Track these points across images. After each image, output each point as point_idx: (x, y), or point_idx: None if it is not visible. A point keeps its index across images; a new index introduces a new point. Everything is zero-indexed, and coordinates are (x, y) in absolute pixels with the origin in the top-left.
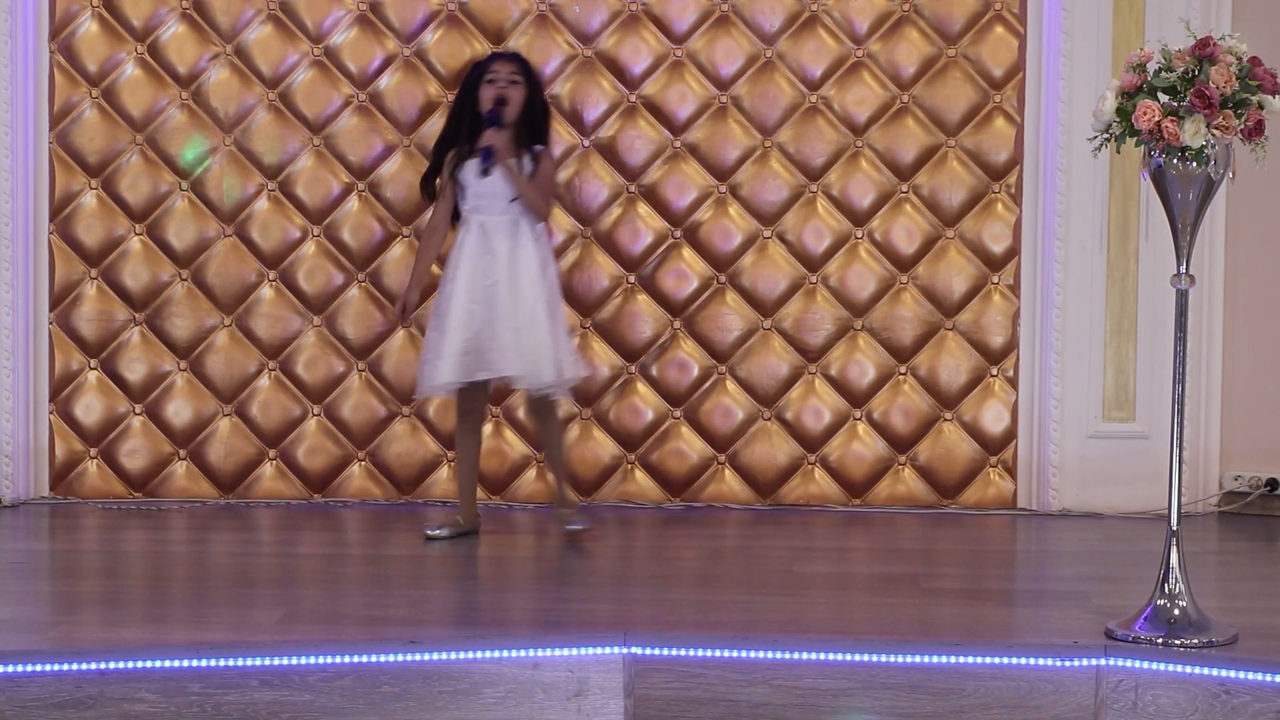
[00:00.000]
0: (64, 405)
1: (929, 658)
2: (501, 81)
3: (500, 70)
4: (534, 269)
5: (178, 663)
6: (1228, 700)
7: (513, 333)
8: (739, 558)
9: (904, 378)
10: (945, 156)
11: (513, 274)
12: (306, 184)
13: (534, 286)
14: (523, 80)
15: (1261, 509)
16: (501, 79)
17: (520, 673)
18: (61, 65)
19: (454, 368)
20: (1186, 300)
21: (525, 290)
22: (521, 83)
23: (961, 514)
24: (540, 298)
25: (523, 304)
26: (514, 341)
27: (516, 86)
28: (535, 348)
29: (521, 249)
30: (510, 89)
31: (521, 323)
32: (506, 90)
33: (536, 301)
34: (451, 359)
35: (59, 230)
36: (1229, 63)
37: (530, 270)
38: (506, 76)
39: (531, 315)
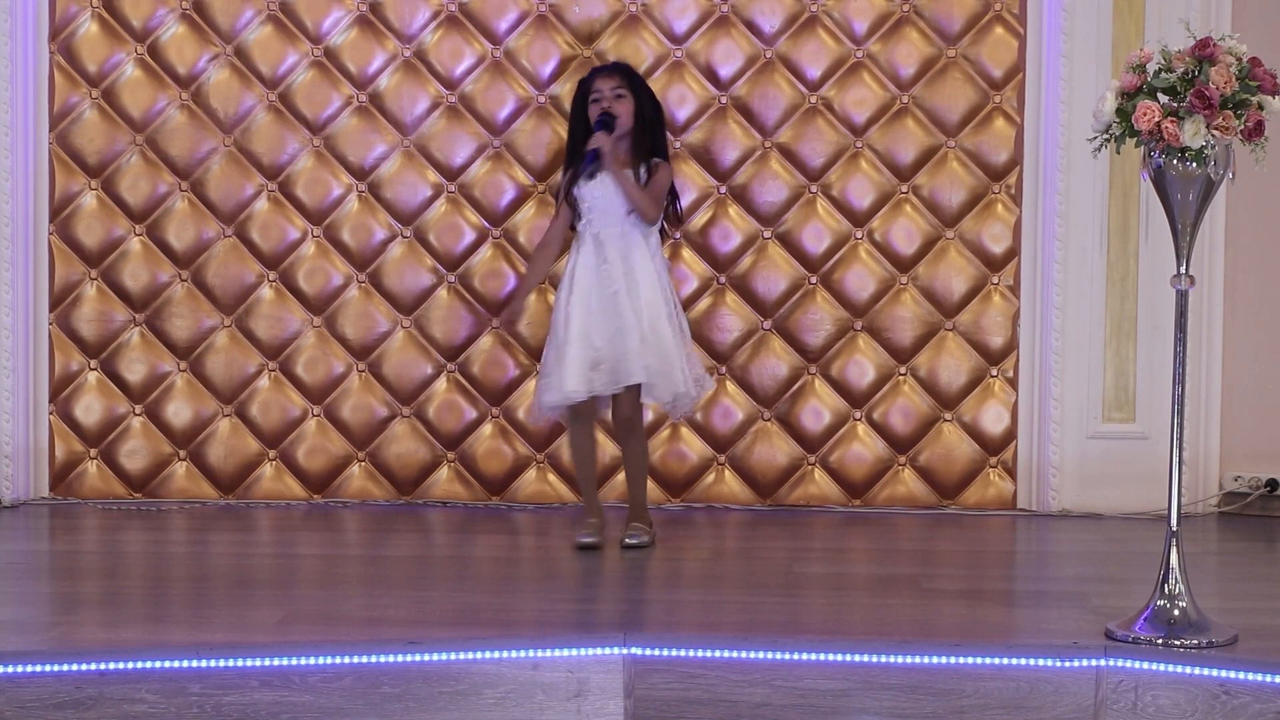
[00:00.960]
0: (64, 406)
1: (929, 658)
2: (607, 98)
3: (604, 87)
4: (651, 279)
5: (178, 663)
6: (1228, 701)
7: (640, 343)
8: (739, 558)
9: (904, 378)
10: (945, 157)
11: (631, 284)
12: (306, 184)
13: (654, 296)
14: (629, 93)
15: (1261, 509)
16: (606, 96)
17: (520, 673)
18: (61, 66)
19: (581, 379)
20: (1186, 301)
21: (646, 300)
22: (628, 95)
23: (961, 514)
24: (661, 308)
25: (646, 314)
26: (642, 351)
27: (622, 100)
28: (663, 357)
29: (638, 260)
30: (616, 104)
31: (647, 332)
32: (612, 106)
33: (659, 311)
34: (577, 372)
35: (59, 231)
36: (1229, 63)
37: (649, 280)
38: (611, 92)
39: (655, 325)
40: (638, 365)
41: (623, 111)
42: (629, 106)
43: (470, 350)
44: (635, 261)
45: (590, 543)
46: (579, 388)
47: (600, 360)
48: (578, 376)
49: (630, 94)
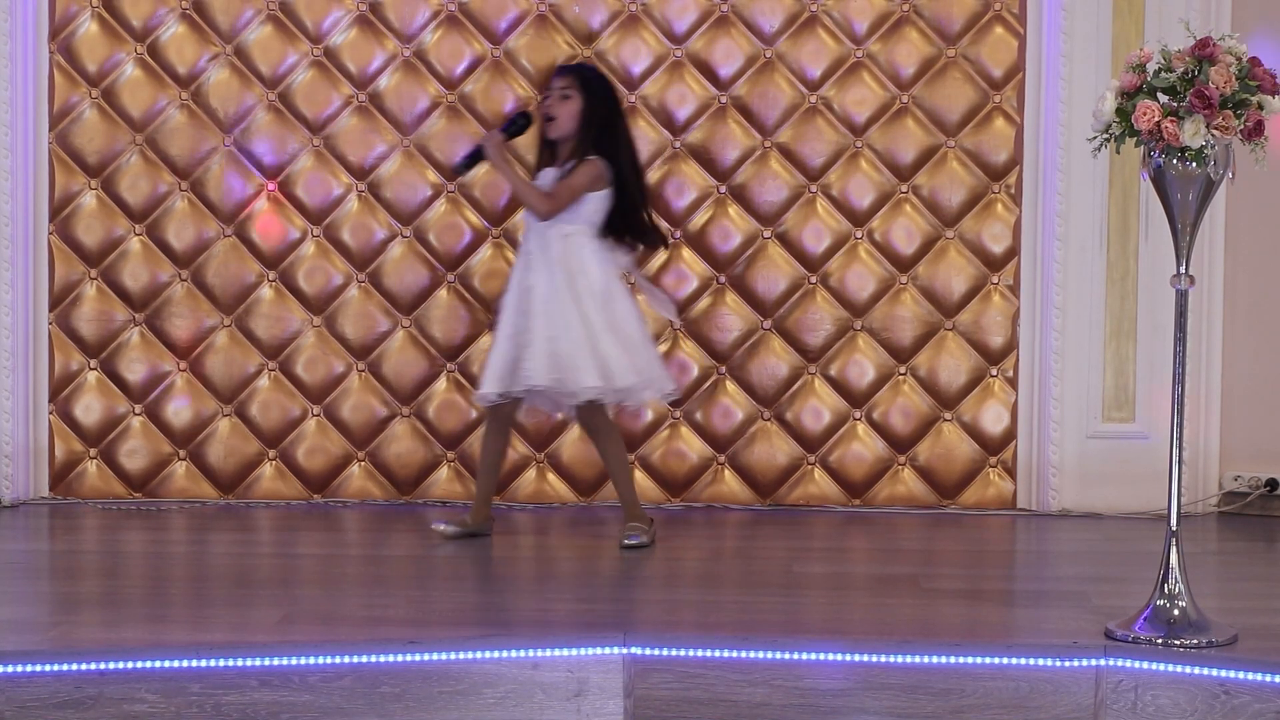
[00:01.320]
0: (64, 405)
1: (928, 658)
2: (551, 98)
3: (554, 84)
4: (567, 277)
5: (177, 663)
6: (1227, 700)
7: (545, 343)
8: (739, 558)
9: (904, 378)
10: (945, 157)
11: (550, 283)
12: (306, 184)
13: (567, 293)
14: (576, 93)
15: (1261, 509)
16: (553, 94)
17: (520, 673)
18: (61, 65)
19: (496, 378)
20: (1186, 300)
21: (559, 299)
22: (575, 96)
23: (961, 514)
24: (572, 307)
25: (556, 312)
26: (543, 352)
27: (567, 101)
28: (568, 355)
29: (561, 258)
30: (559, 104)
31: (555, 331)
32: (553, 106)
33: (567, 310)
34: (494, 369)
35: (59, 230)
36: (1228, 63)
37: (566, 280)
38: (558, 91)
39: (565, 322)
40: (540, 369)
41: (563, 113)
42: (572, 108)
43: (470, 350)
44: (554, 259)
45: (442, 530)
46: (493, 389)
47: (513, 359)
48: (491, 378)
49: (578, 94)
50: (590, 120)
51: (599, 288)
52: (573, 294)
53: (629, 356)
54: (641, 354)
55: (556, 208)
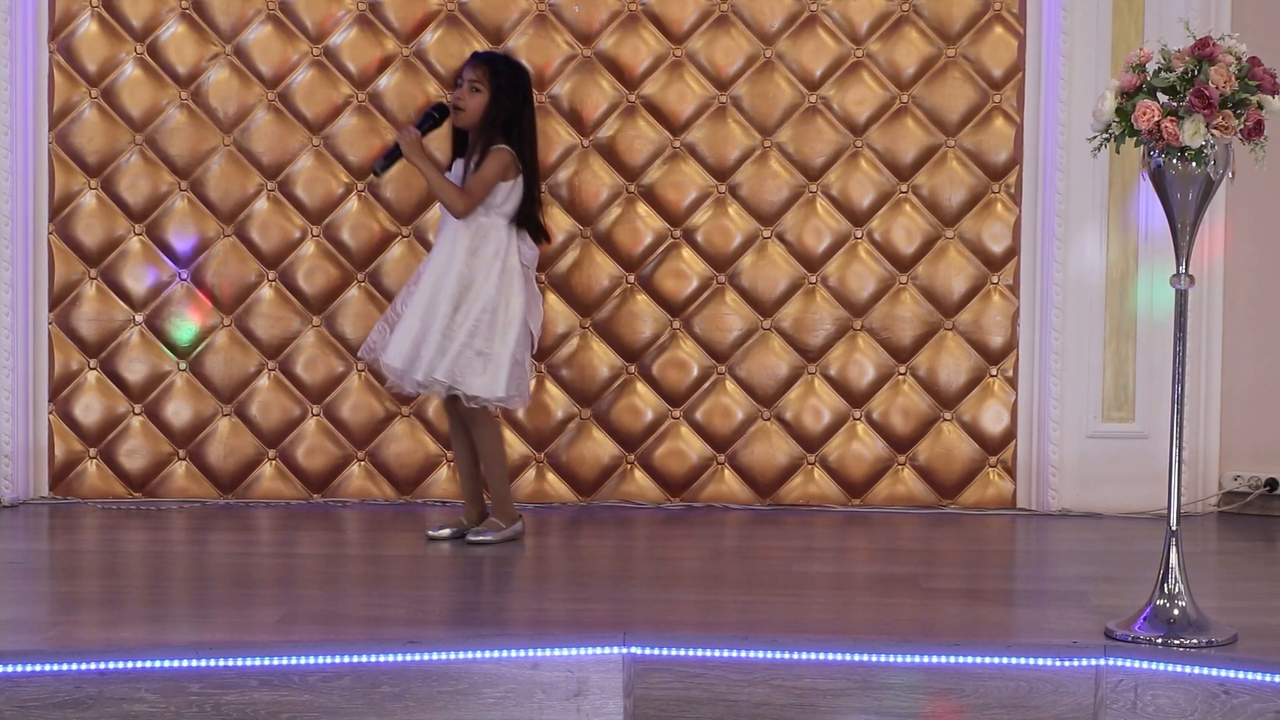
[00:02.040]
0: (63, 405)
1: (928, 658)
2: (463, 87)
3: (465, 75)
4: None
5: (177, 663)
6: (1227, 700)
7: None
8: (739, 558)
9: (903, 378)
10: (945, 156)
11: (429, 272)
12: (306, 184)
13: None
14: (485, 87)
15: (1261, 509)
16: (464, 84)
17: (520, 673)
18: (61, 65)
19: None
20: (1186, 300)
21: (430, 290)
22: (483, 90)
23: (961, 514)
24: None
25: (426, 302)
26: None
27: (477, 94)
28: (414, 341)
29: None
30: (469, 96)
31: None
32: (463, 98)
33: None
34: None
35: (58, 230)
36: (1228, 63)
37: (439, 264)
38: (469, 83)
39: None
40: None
41: (471, 104)
42: (480, 100)
43: None
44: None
45: (434, 535)
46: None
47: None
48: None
49: (487, 88)
50: (498, 111)
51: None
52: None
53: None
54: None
55: (471, 204)
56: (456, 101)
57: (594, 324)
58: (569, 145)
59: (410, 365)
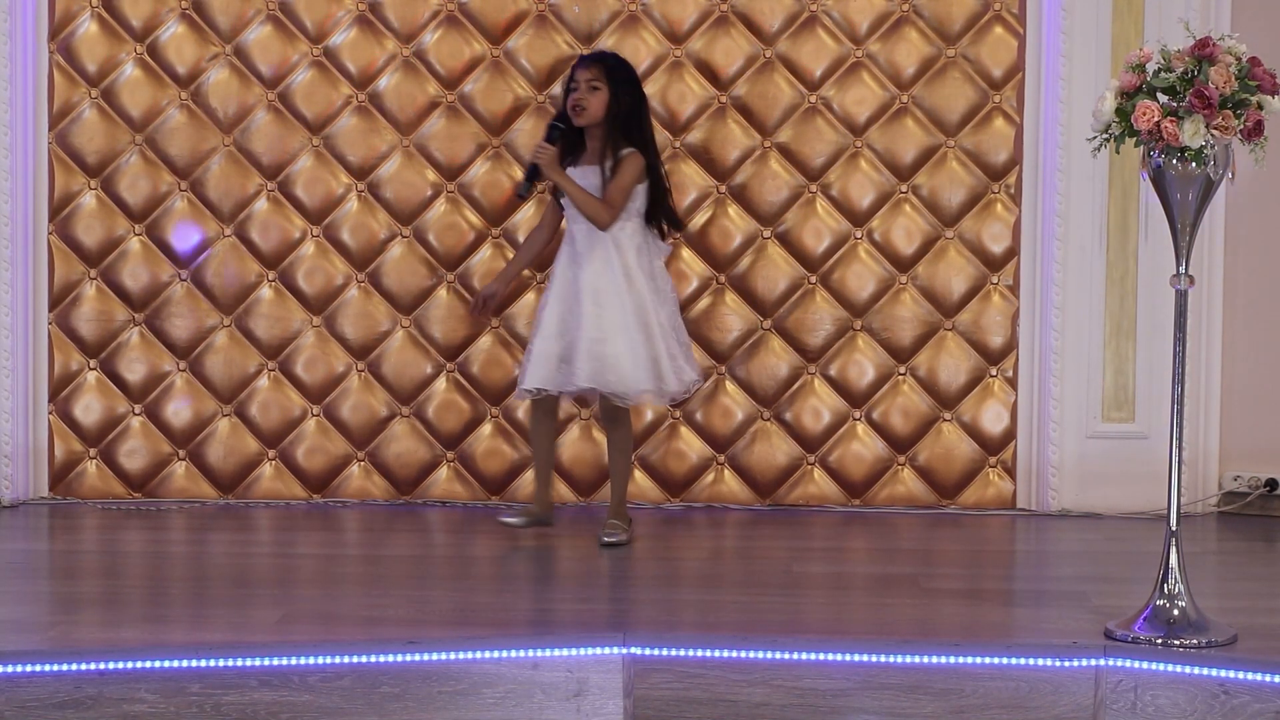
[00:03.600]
0: (63, 405)
1: (928, 658)
2: (580, 89)
3: (580, 77)
4: (617, 279)
5: (177, 663)
6: (1227, 700)
7: (593, 344)
8: (738, 558)
9: (903, 378)
10: (944, 157)
11: (596, 284)
12: (306, 184)
13: (617, 297)
14: (604, 84)
15: (1261, 509)
16: (580, 86)
17: (519, 673)
18: (61, 65)
19: (542, 375)
20: (1186, 300)
21: (608, 301)
22: (602, 87)
23: (961, 514)
24: (623, 308)
25: (605, 315)
26: (591, 353)
27: (596, 93)
28: (614, 359)
29: (605, 258)
30: (589, 96)
31: (603, 334)
32: (584, 98)
33: (618, 312)
34: (540, 365)
35: (58, 230)
36: (1228, 63)
37: (613, 281)
38: (586, 83)
39: (612, 326)
40: (583, 370)
41: (593, 104)
42: (601, 99)
43: (470, 350)
44: (600, 259)
45: (510, 523)
46: (532, 385)
47: (560, 359)
48: (535, 374)
49: (606, 85)
50: (619, 110)
51: (648, 286)
52: (625, 293)
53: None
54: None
55: (616, 215)
56: (578, 102)
57: None
58: None
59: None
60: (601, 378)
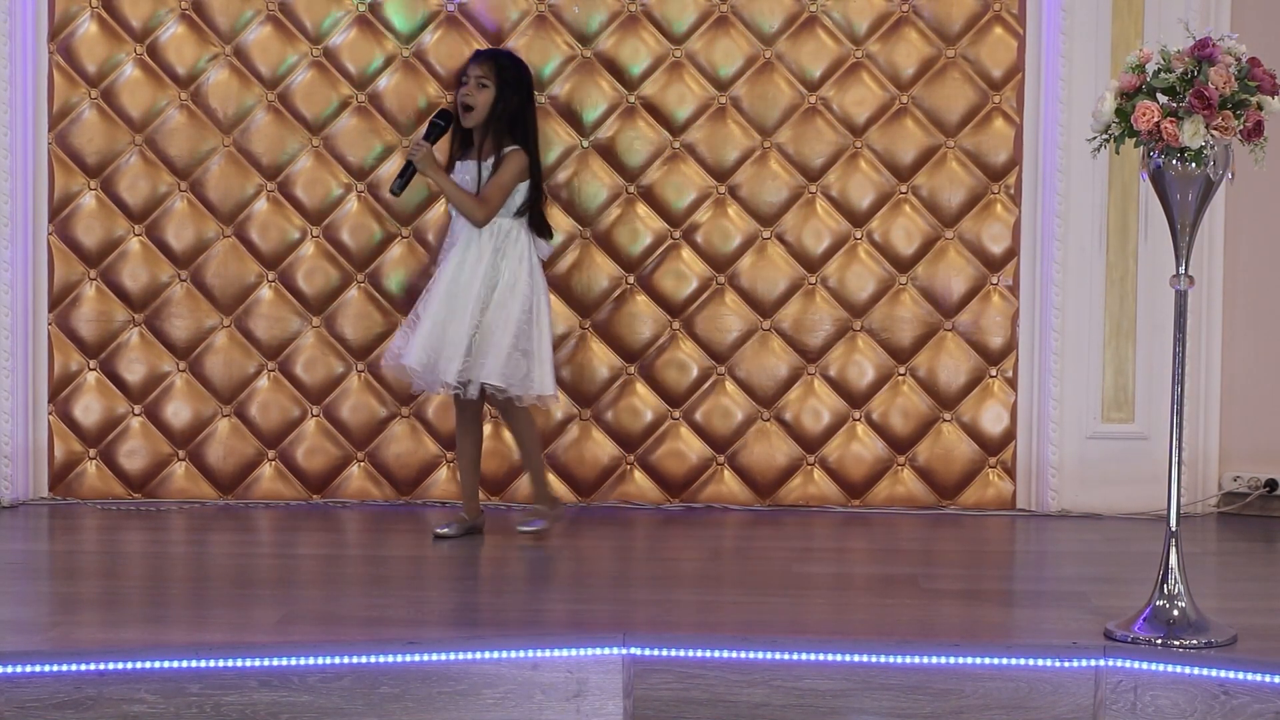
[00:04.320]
0: (63, 406)
1: (928, 658)
2: (469, 85)
3: (470, 72)
4: (479, 273)
5: (177, 663)
6: (1226, 701)
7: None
8: (738, 558)
9: (903, 378)
10: (944, 157)
11: (456, 275)
12: (306, 185)
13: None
14: (492, 82)
15: (1260, 510)
16: (470, 82)
17: (519, 673)
18: (61, 66)
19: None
20: (1185, 301)
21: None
22: (490, 85)
23: (961, 515)
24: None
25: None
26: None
27: (484, 90)
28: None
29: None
30: (476, 93)
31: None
32: (471, 94)
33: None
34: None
35: (58, 231)
36: (1228, 63)
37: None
38: (475, 79)
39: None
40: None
41: (480, 101)
42: (487, 96)
43: None
44: (468, 255)
45: (442, 533)
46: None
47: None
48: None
49: (494, 84)
50: (504, 109)
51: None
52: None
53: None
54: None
55: (492, 212)
56: (464, 98)
57: (593, 324)
58: (569, 146)
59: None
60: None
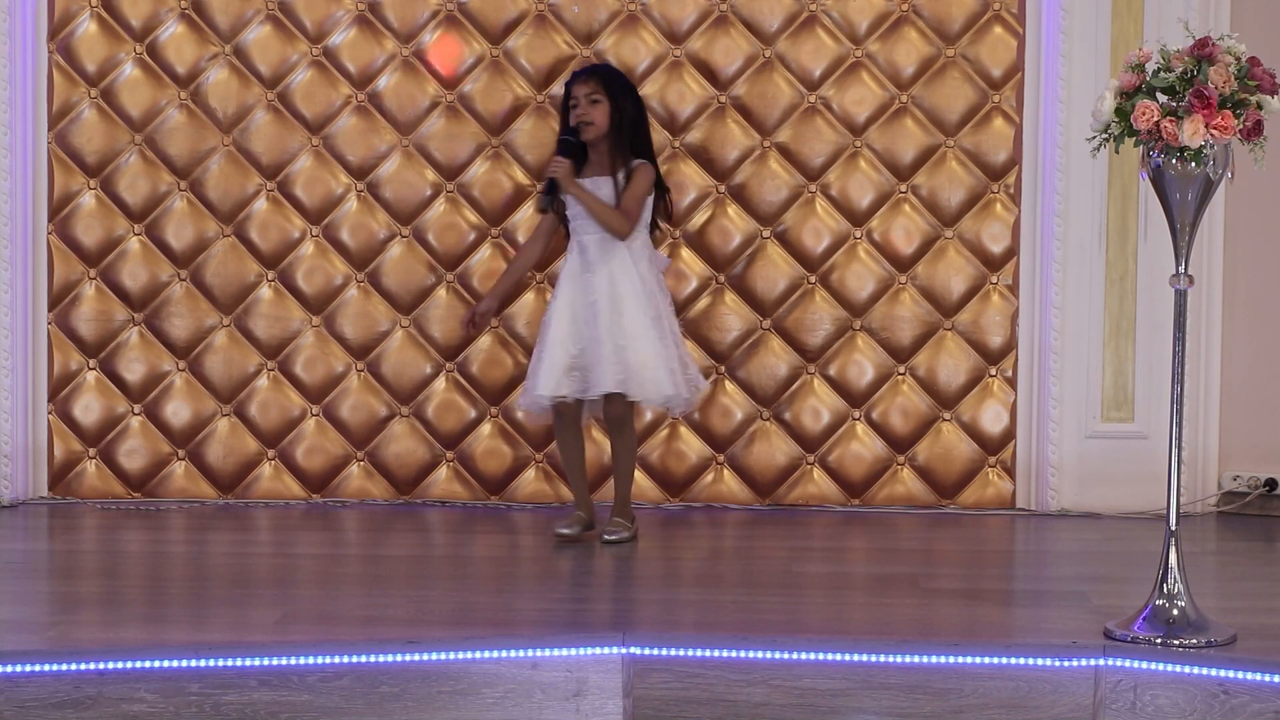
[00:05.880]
0: (63, 405)
1: (928, 658)
2: (581, 105)
3: (579, 92)
4: (634, 286)
5: (176, 663)
6: (1226, 700)
7: (614, 352)
8: (738, 558)
9: (903, 378)
10: (944, 157)
11: (612, 292)
12: (305, 184)
13: (635, 305)
14: (604, 97)
15: (1260, 509)
16: (581, 101)
17: (519, 673)
18: (60, 65)
19: (553, 383)
20: (1185, 300)
21: (627, 307)
22: (603, 100)
23: (960, 514)
24: (642, 316)
25: (624, 321)
26: (615, 360)
27: (597, 106)
28: (641, 365)
29: (618, 266)
30: (591, 109)
31: (625, 340)
32: (587, 112)
33: (638, 319)
34: (551, 374)
35: (58, 230)
36: (1227, 63)
37: (630, 288)
38: (586, 98)
39: (634, 334)
40: (609, 375)
41: (597, 117)
42: (604, 110)
43: (469, 350)
44: (616, 268)
45: (567, 534)
46: (547, 393)
47: (574, 367)
48: (548, 382)
49: (606, 98)
50: (623, 120)
51: (658, 296)
52: (644, 299)
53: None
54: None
55: (634, 225)
56: (581, 116)
57: None
58: None
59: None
60: (627, 383)
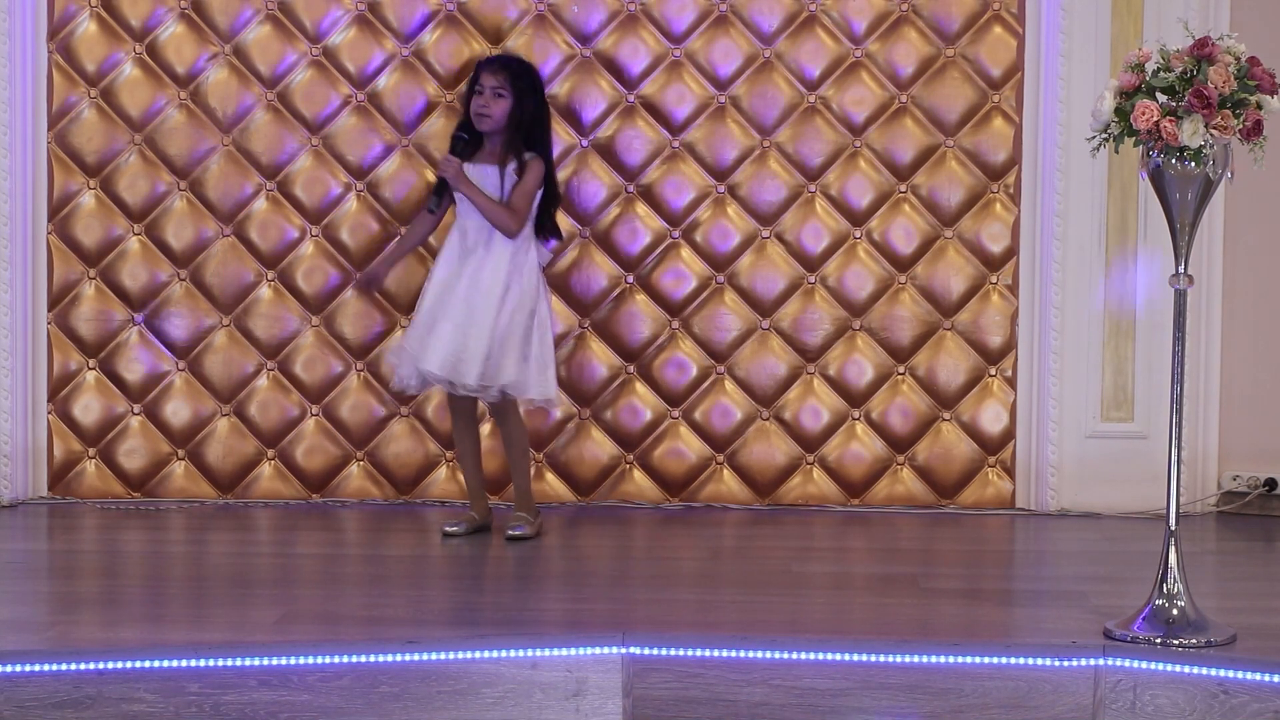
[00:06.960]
0: (62, 405)
1: (927, 658)
2: (485, 94)
3: (486, 82)
4: (499, 278)
5: (176, 663)
6: (1226, 700)
7: (453, 329)
8: (737, 558)
9: (902, 378)
10: (944, 156)
11: (476, 279)
12: (305, 184)
13: (491, 295)
14: (509, 92)
15: (1260, 509)
16: (486, 91)
17: (519, 673)
18: (60, 65)
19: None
20: (1185, 300)
21: (482, 297)
22: (507, 96)
23: (960, 514)
24: (493, 307)
25: (474, 309)
26: (450, 339)
27: (500, 100)
28: (470, 349)
29: (497, 255)
30: (493, 103)
31: (463, 322)
32: (488, 104)
33: (488, 308)
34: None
35: (57, 230)
36: (1227, 63)
37: (502, 278)
38: (491, 90)
39: (478, 319)
40: (438, 354)
41: (496, 111)
42: (504, 106)
43: None
44: (493, 255)
45: (453, 531)
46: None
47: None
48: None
49: (510, 94)
50: (522, 117)
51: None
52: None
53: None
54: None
55: (523, 221)
56: (480, 109)
57: (593, 324)
58: (568, 145)
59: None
60: (445, 366)
